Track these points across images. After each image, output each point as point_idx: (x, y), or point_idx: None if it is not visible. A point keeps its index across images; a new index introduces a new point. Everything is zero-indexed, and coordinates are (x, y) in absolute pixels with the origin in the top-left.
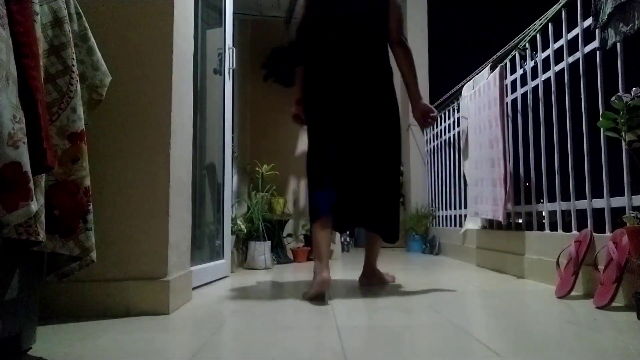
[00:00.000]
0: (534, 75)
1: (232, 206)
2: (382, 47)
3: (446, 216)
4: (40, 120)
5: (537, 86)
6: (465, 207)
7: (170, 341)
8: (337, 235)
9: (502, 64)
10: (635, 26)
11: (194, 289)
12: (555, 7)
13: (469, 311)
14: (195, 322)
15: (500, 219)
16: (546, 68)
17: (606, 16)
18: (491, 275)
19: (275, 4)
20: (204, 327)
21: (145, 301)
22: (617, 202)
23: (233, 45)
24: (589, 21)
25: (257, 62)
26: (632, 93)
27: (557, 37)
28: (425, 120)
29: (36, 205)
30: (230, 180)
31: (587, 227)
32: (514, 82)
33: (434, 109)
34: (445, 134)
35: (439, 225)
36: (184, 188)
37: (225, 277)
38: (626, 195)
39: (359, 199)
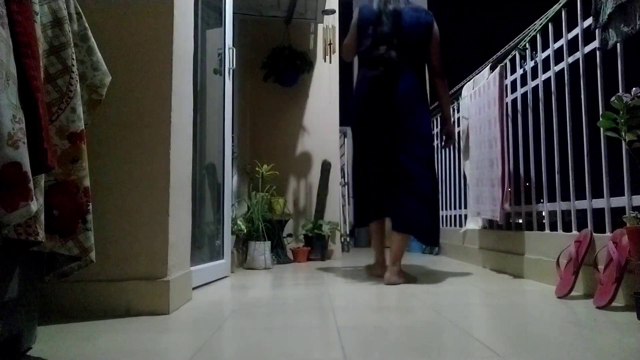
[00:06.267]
0: (534, 75)
1: (232, 206)
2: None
3: (446, 216)
4: (40, 120)
5: (537, 86)
6: (465, 207)
7: (170, 341)
8: (337, 235)
9: (502, 64)
10: (637, 26)
11: (194, 289)
12: (555, 7)
13: (469, 311)
14: (195, 322)
15: (498, 219)
16: (546, 68)
17: (606, 16)
18: (491, 275)
19: (275, 4)
20: (204, 327)
21: (145, 301)
22: (617, 202)
23: (233, 45)
24: (589, 21)
25: (257, 62)
26: (632, 93)
27: (557, 37)
28: (446, 140)
29: (36, 205)
30: (230, 180)
31: (587, 227)
32: (514, 82)
33: (452, 137)
34: None
35: None
36: (184, 188)
37: (225, 277)
38: (626, 195)
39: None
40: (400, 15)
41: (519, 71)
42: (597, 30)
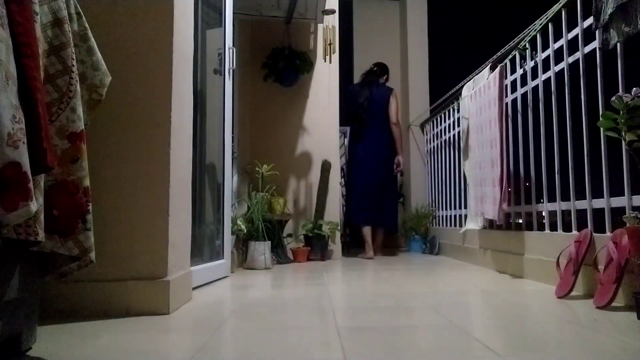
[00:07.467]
0: (534, 75)
1: (232, 206)
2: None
3: (446, 216)
4: (40, 120)
5: (537, 86)
6: (465, 207)
7: (170, 341)
8: (338, 235)
9: (502, 64)
10: (638, 26)
11: (194, 289)
12: (555, 7)
13: (469, 311)
14: (195, 322)
15: (496, 218)
16: (546, 68)
17: (607, 16)
18: (491, 275)
19: (275, 4)
20: (204, 327)
21: (145, 301)
22: (617, 202)
23: (233, 45)
24: (589, 21)
25: (257, 62)
26: (632, 93)
27: (557, 37)
28: (395, 167)
29: (35, 205)
30: (230, 180)
31: (587, 227)
32: (514, 82)
33: (400, 165)
34: (445, 134)
35: (439, 225)
36: (184, 188)
37: (225, 277)
38: (626, 195)
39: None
40: (371, 92)
41: (519, 71)
42: (597, 31)
